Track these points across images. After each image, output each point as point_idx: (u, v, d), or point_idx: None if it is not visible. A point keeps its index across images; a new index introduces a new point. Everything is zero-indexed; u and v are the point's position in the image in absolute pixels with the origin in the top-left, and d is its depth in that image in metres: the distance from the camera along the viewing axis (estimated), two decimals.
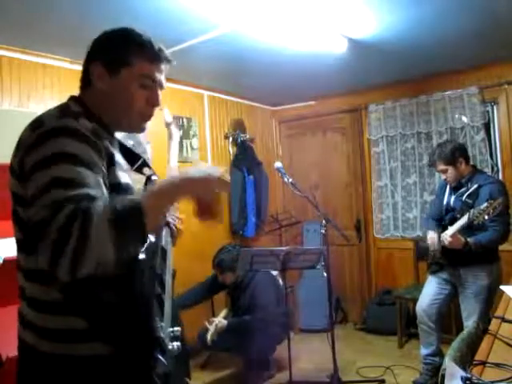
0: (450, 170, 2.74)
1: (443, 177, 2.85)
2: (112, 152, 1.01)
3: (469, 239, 2.56)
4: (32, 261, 0.96)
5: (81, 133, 0.93)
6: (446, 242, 2.61)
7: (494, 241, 2.62)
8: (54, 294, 0.94)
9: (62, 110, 1.00)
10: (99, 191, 0.88)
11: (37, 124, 0.96)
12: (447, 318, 3.30)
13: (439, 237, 2.73)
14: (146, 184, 1.18)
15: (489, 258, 2.70)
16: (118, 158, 1.06)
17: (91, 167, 0.90)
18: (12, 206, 1.00)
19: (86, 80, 1.09)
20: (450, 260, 2.77)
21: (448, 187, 2.90)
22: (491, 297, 2.64)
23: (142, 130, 1.13)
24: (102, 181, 0.91)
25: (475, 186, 2.68)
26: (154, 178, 1.20)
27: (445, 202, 2.90)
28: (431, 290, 2.90)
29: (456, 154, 2.73)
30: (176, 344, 1.02)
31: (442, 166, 2.77)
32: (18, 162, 0.97)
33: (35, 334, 1.00)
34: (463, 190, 2.77)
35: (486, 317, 2.62)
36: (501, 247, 3.59)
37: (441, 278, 2.88)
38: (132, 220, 0.83)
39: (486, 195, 2.59)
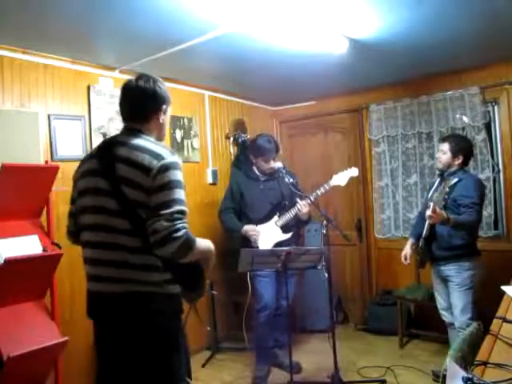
0: (448, 155, 2.88)
1: (437, 155, 3.01)
2: None
3: (450, 215, 2.64)
4: (137, 241, 1.52)
5: (181, 167, 1.57)
6: (430, 220, 2.67)
7: (470, 222, 2.71)
8: (157, 262, 1.54)
9: (171, 151, 1.57)
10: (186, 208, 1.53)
11: (158, 156, 1.52)
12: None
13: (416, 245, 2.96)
14: None
15: (468, 252, 2.79)
16: None
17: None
18: (129, 207, 1.51)
19: (146, 118, 1.67)
20: (432, 258, 2.88)
21: (435, 185, 2.99)
22: (476, 289, 2.76)
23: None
24: None
25: (455, 180, 2.78)
26: None
27: (428, 197, 2.99)
28: (439, 290, 2.98)
29: (462, 151, 2.87)
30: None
31: (445, 147, 2.90)
32: (152, 179, 1.48)
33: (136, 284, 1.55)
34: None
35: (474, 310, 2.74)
36: (500, 247, 3.62)
37: (438, 277, 2.95)
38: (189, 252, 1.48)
39: (461, 189, 2.74)
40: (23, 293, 2.26)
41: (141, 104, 1.65)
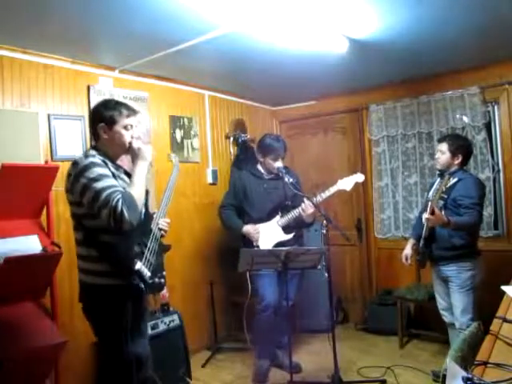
0: (447, 155, 2.87)
1: (436, 156, 2.98)
2: (113, 171, 1.91)
3: (450, 217, 2.63)
4: (80, 235, 1.92)
5: (98, 163, 1.84)
6: (428, 223, 2.67)
7: (471, 223, 2.71)
8: (93, 253, 1.89)
9: (86, 155, 1.88)
10: (118, 185, 1.82)
11: (74, 165, 1.86)
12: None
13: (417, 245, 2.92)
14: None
15: (469, 253, 2.79)
16: (118, 174, 1.95)
17: (110, 177, 1.83)
18: (71, 208, 1.93)
19: (96, 135, 1.99)
20: (432, 259, 2.88)
21: (435, 185, 2.97)
22: (477, 290, 2.75)
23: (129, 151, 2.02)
24: (115, 180, 1.85)
25: (454, 180, 2.77)
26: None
27: (428, 198, 2.97)
28: (439, 291, 2.97)
29: (461, 150, 2.85)
30: (158, 279, 2.02)
31: (443, 147, 2.89)
32: (70, 185, 1.86)
33: (85, 274, 1.95)
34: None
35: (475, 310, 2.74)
36: (500, 247, 3.62)
37: (438, 278, 2.94)
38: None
39: (461, 189, 2.73)
40: (23, 293, 2.26)
41: (90, 125, 2.08)
